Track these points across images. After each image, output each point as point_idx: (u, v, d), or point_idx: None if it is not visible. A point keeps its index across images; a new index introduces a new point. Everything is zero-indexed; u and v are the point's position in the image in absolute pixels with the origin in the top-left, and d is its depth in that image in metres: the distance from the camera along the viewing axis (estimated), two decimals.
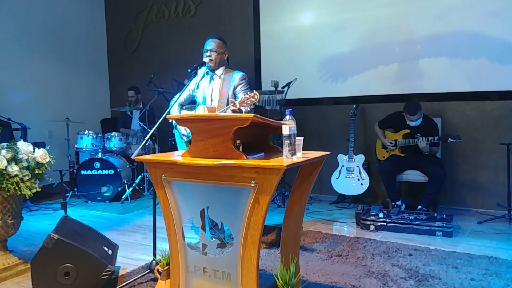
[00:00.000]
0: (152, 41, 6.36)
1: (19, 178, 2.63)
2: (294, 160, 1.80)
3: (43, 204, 4.89)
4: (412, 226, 3.42)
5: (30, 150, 2.73)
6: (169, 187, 1.97)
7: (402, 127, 4.08)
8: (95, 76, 6.71)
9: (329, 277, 2.57)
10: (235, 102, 2.69)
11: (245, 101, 2.61)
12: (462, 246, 3.10)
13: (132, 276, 2.65)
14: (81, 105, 6.35)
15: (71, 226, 2.65)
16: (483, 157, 4.16)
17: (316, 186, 4.91)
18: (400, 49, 4.48)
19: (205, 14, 5.80)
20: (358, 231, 3.54)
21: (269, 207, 1.75)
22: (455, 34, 4.18)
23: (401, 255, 2.90)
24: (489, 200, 4.13)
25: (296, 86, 4.61)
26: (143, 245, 3.35)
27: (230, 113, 2.75)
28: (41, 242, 2.39)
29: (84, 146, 5.12)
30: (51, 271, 2.35)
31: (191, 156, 1.93)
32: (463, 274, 2.55)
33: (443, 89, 4.29)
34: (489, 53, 4.05)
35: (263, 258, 2.89)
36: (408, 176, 4.06)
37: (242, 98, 2.64)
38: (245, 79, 3.09)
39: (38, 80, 5.86)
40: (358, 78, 4.74)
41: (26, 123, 4.93)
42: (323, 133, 5.01)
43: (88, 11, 6.57)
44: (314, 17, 4.97)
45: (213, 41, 3.04)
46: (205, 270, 1.94)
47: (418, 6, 4.35)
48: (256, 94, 2.55)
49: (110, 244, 2.82)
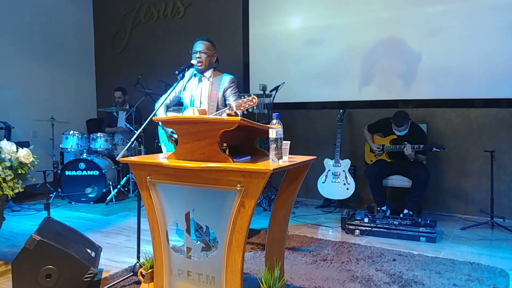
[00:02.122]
0: (140, 42, 6.32)
1: (1, 178, 2.58)
2: (280, 164, 1.80)
3: (26, 204, 4.80)
4: (396, 231, 3.46)
5: (13, 150, 2.68)
6: (154, 190, 1.95)
7: (390, 132, 4.13)
8: (82, 75, 6.63)
9: (313, 281, 2.57)
10: (232, 106, 2.68)
11: (242, 104, 2.60)
12: (446, 252, 3.14)
13: (115, 278, 2.62)
14: (67, 105, 6.26)
15: (53, 228, 2.61)
16: (467, 163, 4.23)
17: (302, 190, 4.92)
18: (388, 55, 4.53)
19: (194, 16, 5.79)
20: (343, 236, 3.56)
21: (254, 210, 1.75)
22: (441, 41, 4.25)
23: (385, 260, 2.92)
24: (472, 206, 4.20)
25: (284, 90, 4.63)
26: (127, 247, 3.31)
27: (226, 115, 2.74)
28: (23, 243, 2.35)
29: (69, 146, 5.04)
30: (32, 273, 2.31)
31: (177, 158, 1.92)
32: (446, 280, 2.58)
33: (429, 95, 4.36)
34: (474, 61, 4.13)
35: (248, 261, 2.88)
36: (393, 181, 4.10)
37: (239, 101, 2.63)
38: (234, 82, 3.09)
39: (23, 78, 5.76)
40: (345, 83, 4.78)
41: (10, 122, 4.85)
42: (310, 138, 5.04)
43: (76, 10, 6.49)
44: (303, 22, 5.00)
45: (202, 43, 3.03)
46: (189, 274, 1.93)
47: (407, 14, 4.41)
48: (255, 98, 2.54)
49: (93, 246, 2.78)
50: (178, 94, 3.15)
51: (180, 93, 3.14)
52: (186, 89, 3.12)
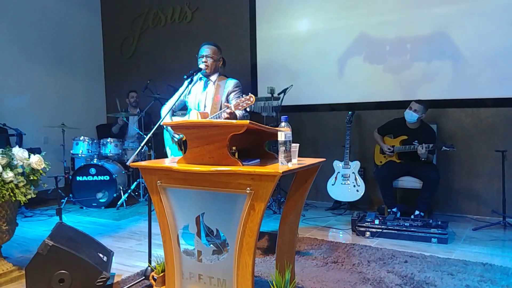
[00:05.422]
0: (149, 47, 6.37)
1: (14, 184, 2.62)
2: (289, 167, 1.80)
3: (38, 210, 4.86)
4: (407, 232, 3.43)
5: (26, 156, 2.72)
6: (164, 194, 1.97)
7: (401, 133, 4.11)
8: (91, 81, 6.70)
9: (324, 284, 2.56)
10: (230, 106, 2.69)
11: (240, 103, 2.61)
12: (457, 253, 3.11)
13: (127, 282, 2.63)
14: (77, 111, 6.32)
15: (66, 233, 2.64)
16: (478, 164, 4.19)
17: (312, 192, 4.90)
18: (396, 56, 4.52)
19: (202, 20, 5.82)
20: (353, 238, 3.54)
21: (264, 213, 1.75)
22: (451, 41, 4.22)
23: (396, 262, 2.90)
24: (484, 207, 4.15)
25: (292, 92, 4.64)
26: (138, 251, 3.33)
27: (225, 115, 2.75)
28: (35, 249, 2.38)
29: (79, 152, 5.10)
30: (45, 278, 2.33)
31: (187, 162, 1.93)
32: (458, 281, 2.56)
33: (438, 96, 4.33)
34: (484, 60, 4.09)
35: (258, 265, 2.88)
36: (403, 182, 4.07)
37: (237, 101, 2.64)
38: (238, 87, 3.10)
39: (33, 85, 5.84)
40: (354, 85, 4.77)
41: (22, 128, 4.91)
42: (319, 140, 5.03)
43: (84, 16, 6.57)
44: (310, 24, 5.01)
45: (208, 47, 3.06)
46: (200, 277, 1.94)
47: (415, 14, 4.39)
48: (252, 96, 2.56)
49: (105, 251, 2.81)
50: (183, 98, 3.17)
51: (185, 97, 3.16)
52: (191, 93, 3.14)
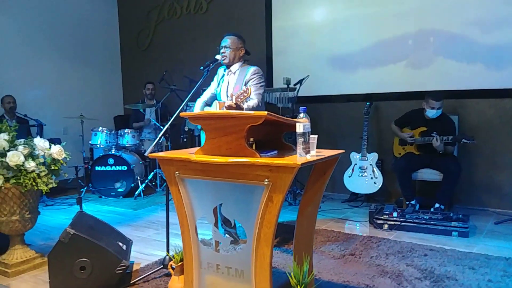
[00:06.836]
0: (164, 39, 6.39)
1: (36, 174, 2.67)
2: (308, 159, 1.78)
3: (59, 199, 4.97)
4: (427, 226, 3.37)
5: (47, 147, 2.77)
6: (182, 184, 1.97)
7: (419, 124, 4.02)
8: (108, 73, 6.78)
9: (342, 276, 2.55)
10: (232, 97, 2.68)
11: (239, 96, 2.61)
12: (479, 247, 3.05)
13: (146, 271, 2.67)
14: (95, 102, 6.42)
15: (86, 221, 2.68)
16: (501, 156, 4.08)
17: (329, 184, 4.81)
18: (415, 45, 4.41)
19: (217, 11, 5.79)
20: (371, 230, 3.51)
21: (282, 205, 1.74)
22: (472, 28, 4.10)
23: (416, 255, 2.86)
24: (506, 200, 4.05)
25: (308, 83, 4.58)
26: (156, 240, 3.38)
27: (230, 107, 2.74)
28: (57, 237, 2.43)
29: (98, 142, 5.18)
30: (67, 265, 2.38)
31: (204, 153, 1.93)
32: (480, 276, 2.51)
33: (460, 86, 4.21)
34: (507, 48, 3.96)
35: (275, 255, 2.88)
36: (423, 174, 4.00)
37: (237, 93, 2.65)
38: (257, 73, 3.04)
39: (53, 77, 5.95)
40: (371, 75, 4.68)
41: (42, 119, 5.01)
42: (335, 131, 4.97)
43: (101, 9, 6.63)
44: (326, 14, 4.92)
45: (228, 37, 3.05)
46: (218, 267, 1.94)
47: (433, 2, 4.27)
48: (248, 88, 2.57)
49: (124, 239, 2.85)
50: (214, 91, 3.19)
51: (215, 90, 3.18)
52: (219, 85, 3.16)
